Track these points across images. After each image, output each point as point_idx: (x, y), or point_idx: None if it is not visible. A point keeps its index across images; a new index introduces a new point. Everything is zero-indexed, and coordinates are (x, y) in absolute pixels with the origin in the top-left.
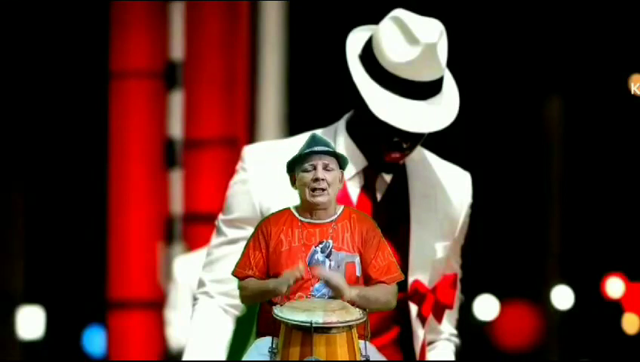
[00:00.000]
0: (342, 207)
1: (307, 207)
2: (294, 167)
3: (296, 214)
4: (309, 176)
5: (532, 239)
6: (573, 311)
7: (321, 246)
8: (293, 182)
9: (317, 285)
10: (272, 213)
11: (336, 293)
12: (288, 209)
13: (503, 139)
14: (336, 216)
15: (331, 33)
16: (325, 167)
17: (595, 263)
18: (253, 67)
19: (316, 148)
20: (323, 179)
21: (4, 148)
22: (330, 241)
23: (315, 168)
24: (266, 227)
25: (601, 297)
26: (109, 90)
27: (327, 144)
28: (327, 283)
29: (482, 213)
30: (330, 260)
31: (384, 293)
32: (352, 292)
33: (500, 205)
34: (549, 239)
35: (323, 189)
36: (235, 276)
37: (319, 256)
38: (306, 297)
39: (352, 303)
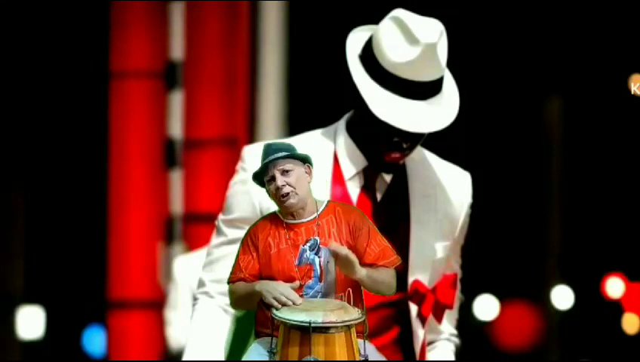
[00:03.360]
0: (325, 202)
1: (286, 212)
2: (262, 182)
3: (281, 217)
4: (272, 188)
5: (532, 239)
6: (573, 311)
7: (308, 244)
8: (269, 195)
9: (310, 282)
10: (259, 219)
11: (348, 269)
12: (274, 213)
13: (503, 139)
14: (319, 212)
15: (331, 33)
16: (283, 172)
17: (595, 263)
18: (253, 67)
19: (268, 159)
20: (284, 185)
21: (4, 148)
22: (317, 238)
23: (274, 178)
24: (254, 233)
25: (601, 297)
26: (109, 90)
27: (278, 149)
28: (338, 257)
29: (482, 213)
30: (319, 257)
31: (388, 276)
32: (362, 271)
33: (500, 205)
34: (549, 239)
35: (288, 193)
36: (228, 283)
37: (308, 254)
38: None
39: (360, 283)
